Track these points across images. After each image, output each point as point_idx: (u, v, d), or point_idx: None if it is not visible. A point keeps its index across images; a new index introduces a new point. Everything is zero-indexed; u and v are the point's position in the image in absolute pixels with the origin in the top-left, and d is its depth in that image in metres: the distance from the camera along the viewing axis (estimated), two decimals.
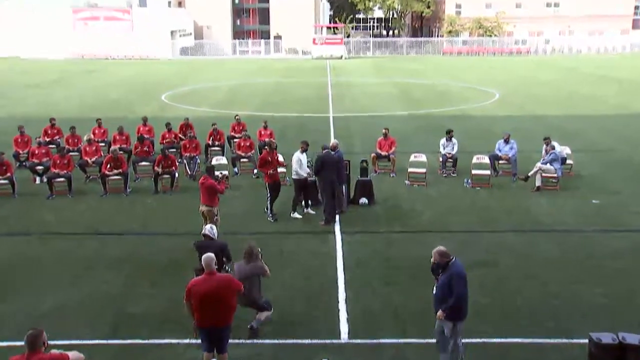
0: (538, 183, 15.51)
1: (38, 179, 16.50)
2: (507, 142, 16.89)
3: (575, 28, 71.09)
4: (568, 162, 16.99)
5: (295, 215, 13.68)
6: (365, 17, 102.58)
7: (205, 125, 20.37)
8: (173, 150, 17.66)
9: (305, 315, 9.24)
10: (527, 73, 46.58)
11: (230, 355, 7.68)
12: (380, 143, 17.49)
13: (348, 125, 25.07)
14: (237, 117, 20.56)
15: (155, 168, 15.78)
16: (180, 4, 75.83)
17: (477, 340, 8.44)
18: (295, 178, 13.70)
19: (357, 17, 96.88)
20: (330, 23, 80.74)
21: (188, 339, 8.34)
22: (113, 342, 8.56)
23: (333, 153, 13.44)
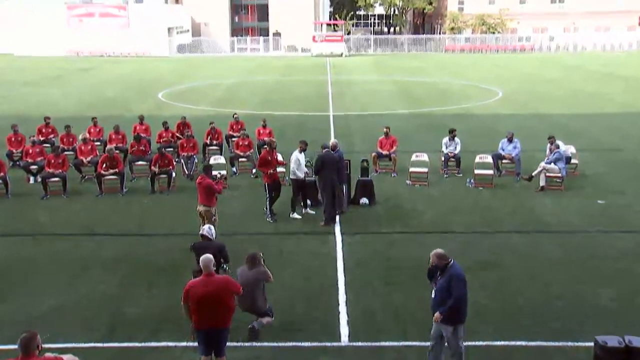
0: (542, 183, 15.52)
1: (32, 179, 16.51)
2: (510, 141, 16.89)
3: (580, 25, 71.10)
4: (573, 161, 17.00)
5: (295, 216, 13.69)
6: (366, 13, 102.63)
7: (203, 124, 20.37)
8: (170, 150, 17.67)
9: (305, 317, 9.25)
10: (531, 71, 46.59)
11: (229, 359, 7.68)
12: (381, 142, 17.49)
13: (348, 124, 25.09)
14: (235, 115, 20.57)
15: (152, 168, 15.78)
16: (177, 1, 75.87)
17: (479, 343, 8.45)
18: (293, 178, 13.72)
19: (357, 13, 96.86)
20: (330, 20, 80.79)
21: (185, 342, 8.34)
22: (109, 345, 8.56)
23: (333, 153, 13.45)
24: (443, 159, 17.07)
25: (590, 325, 8.84)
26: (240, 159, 17.43)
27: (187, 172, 16.89)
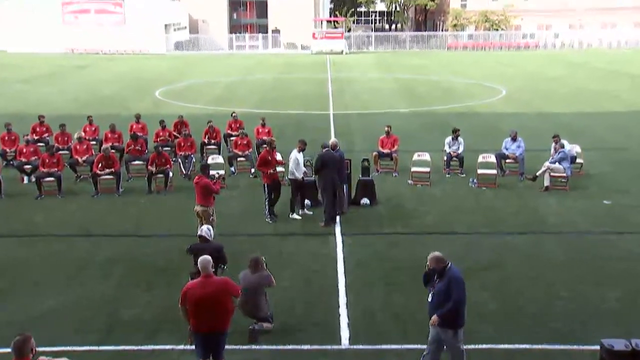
0: (546, 183, 15.52)
1: (26, 179, 16.51)
2: (514, 140, 16.89)
3: (586, 21, 71.03)
4: (578, 161, 17.00)
5: (294, 216, 13.70)
6: (367, 10, 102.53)
7: (201, 123, 20.37)
8: (167, 149, 17.67)
9: (305, 320, 9.25)
10: (535, 68, 46.59)
11: None
12: (383, 141, 17.50)
13: (349, 123, 25.09)
14: (234, 114, 20.57)
15: (149, 167, 15.79)
16: None
17: (482, 346, 8.46)
18: (292, 178, 13.72)
19: (358, 10, 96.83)
20: (331, 17, 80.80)
21: (183, 345, 8.34)
22: (105, 348, 8.56)
23: (333, 152, 13.44)
24: (445, 159, 17.07)
25: (596, 328, 8.84)
26: (239, 159, 17.43)
27: (184, 171, 16.89)
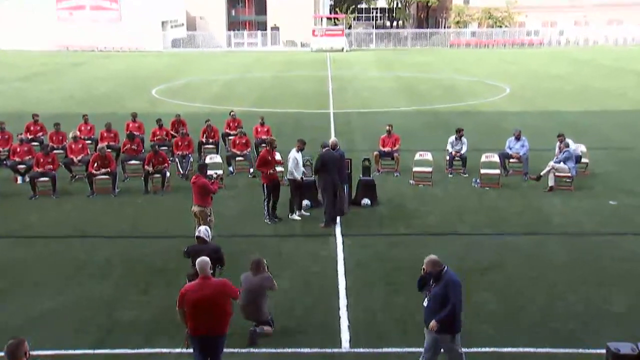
0: (551, 183, 15.53)
1: (20, 179, 16.51)
2: (518, 139, 16.90)
3: (592, 18, 71.01)
4: (583, 160, 17.01)
5: (294, 217, 13.71)
6: (368, 7, 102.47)
7: (199, 122, 20.38)
8: (164, 148, 17.68)
9: (305, 322, 9.26)
10: (539, 66, 46.60)
11: None
12: (384, 140, 17.51)
13: (349, 122, 25.11)
14: (232, 113, 20.58)
15: (146, 167, 15.79)
16: None
17: (485, 349, 8.47)
18: (291, 178, 13.72)
19: (358, 7, 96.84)
20: (331, 13, 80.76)
21: (180, 349, 8.34)
22: (100, 351, 8.56)
23: (334, 152, 13.44)
24: (448, 158, 17.08)
25: (601, 331, 8.86)
26: (237, 158, 17.45)
27: (182, 171, 16.90)
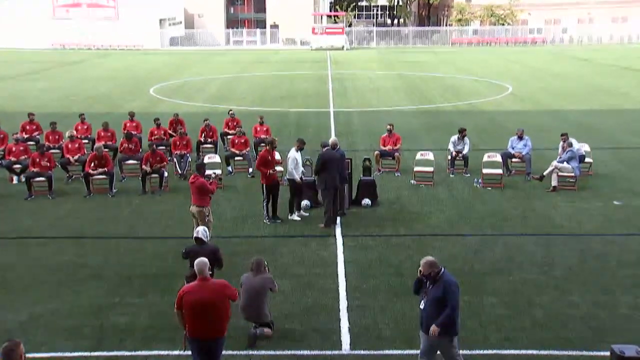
0: (554, 183, 15.52)
1: (16, 179, 16.50)
2: (520, 138, 16.89)
3: (596, 15, 71.01)
4: (587, 160, 16.98)
5: (294, 217, 13.70)
6: (368, 4, 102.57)
7: (197, 121, 20.38)
8: (162, 148, 17.66)
9: (304, 325, 9.24)
10: (542, 65, 46.62)
11: None
12: (384, 140, 17.51)
13: (350, 121, 25.11)
14: (231, 112, 20.57)
15: (143, 167, 15.78)
16: None
17: (489, 352, 8.46)
18: (290, 179, 13.69)
19: (359, 4, 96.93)
20: (331, 11, 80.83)
21: (178, 351, 8.33)
22: (96, 354, 8.55)
23: (334, 151, 13.43)
24: (449, 158, 17.06)
25: (607, 334, 8.84)
26: (236, 158, 17.44)
27: (180, 171, 16.89)
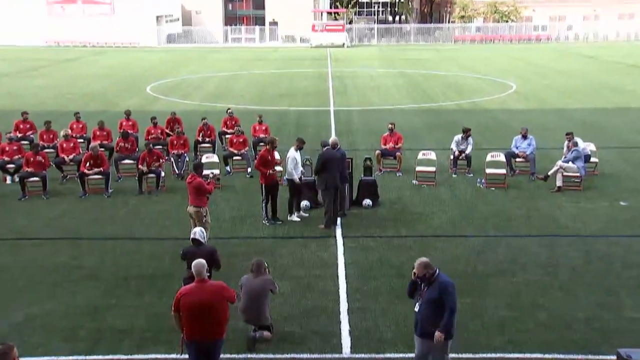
0: (559, 183, 15.53)
1: (9, 179, 16.50)
2: (524, 137, 16.90)
3: (602, 12, 70.95)
4: (592, 160, 17.00)
5: (293, 218, 13.71)
6: (369, 1, 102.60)
7: (195, 120, 20.40)
8: (159, 147, 17.67)
9: (304, 328, 9.25)
10: (547, 62, 46.62)
11: None
12: (386, 139, 17.52)
13: (350, 120, 25.11)
14: (229, 111, 20.59)
15: (140, 166, 15.79)
16: None
17: (493, 355, 8.47)
18: (290, 179, 13.70)
19: (359, 1, 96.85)
20: (331, 8, 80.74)
21: (175, 354, 8.34)
22: (92, 357, 8.55)
23: (335, 151, 13.44)
24: (452, 158, 17.07)
25: (612, 336, 8.86)
26: (235, 158, 17.44)
27: (177, 171, 16.90)
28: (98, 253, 12.07)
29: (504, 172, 16.32)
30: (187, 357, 7.62)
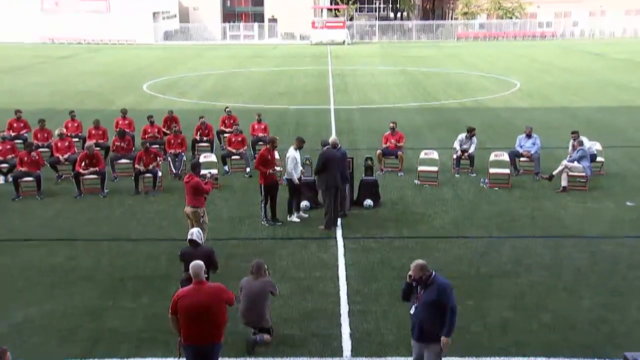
0: (564, 183, 15.55)
1: (2, 179, 16.52)
2: (529, 136, 16.92)
3: (608, 8, 70.94)
4: (598, 159, 17.01)
5: (293, 219, 13.73)
6: None
7: (192, 119, 20.44)
8: (156, 147, 17.70)
9: (304, 330, 9.27)
10: (552, 59, 46.65)
11: None
12: (387, 138, 17.54)
13: (351, 119, 25.13)
14: (227, 109, 20.63)
15: (136, 166, 15.81)
16: None
17: (495, 358, 8.49)
18: (289, 179, 13.72)
19: None
20: (331, 4, 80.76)
21: (172, 358, 8.36)
22: None
23: (335, 150, 13.46)
24: (455, 157, 17.09)
25: (617, 338, 8.89)
26: (233, 157, 17.47)
27: (174, 170, 16.92)
28: (94, 254, 12.09)
29: (508, 171, 16.33)
30: None
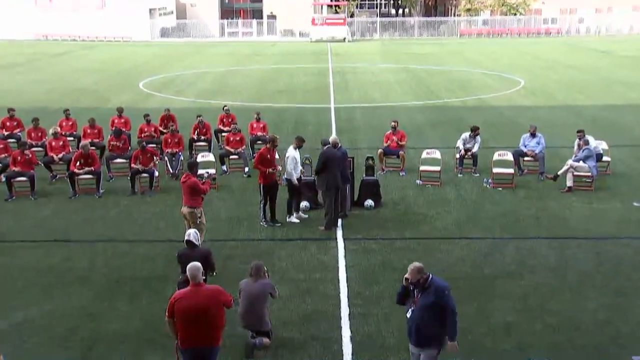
0: (569, 183, 15.57)
1: None
2: (533, 135, 16.94)
3: (615, 4, 70.90)
4: (604, 159, 17.02)
5: (292, 219, 13.74)
6: None
7: (189, 117, 20.43)
8: (153, 146, 17.70)
9: (303, 333, 9.29)
10: (557, 57, 46.65)
11: None
12: (389, 137, 17.56)
13: (352, 118, 25.13)
14: (225, 107, 20.64)
15: (132, 165, 15.83)
16: None
17: None
18: (289, 178, 13.73)
19: None
20: (332, 1, 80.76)
21: None
22: None
23: (336, 150, 13.47)
24: (458, 157, 17.11)
25: (622, 340, 8.92)
26: (231, 156, 17.48)
27: (171, 170, 16.94)
28: (90, 255, 12.11)
29: (512, 171, 16.35)
30: None
